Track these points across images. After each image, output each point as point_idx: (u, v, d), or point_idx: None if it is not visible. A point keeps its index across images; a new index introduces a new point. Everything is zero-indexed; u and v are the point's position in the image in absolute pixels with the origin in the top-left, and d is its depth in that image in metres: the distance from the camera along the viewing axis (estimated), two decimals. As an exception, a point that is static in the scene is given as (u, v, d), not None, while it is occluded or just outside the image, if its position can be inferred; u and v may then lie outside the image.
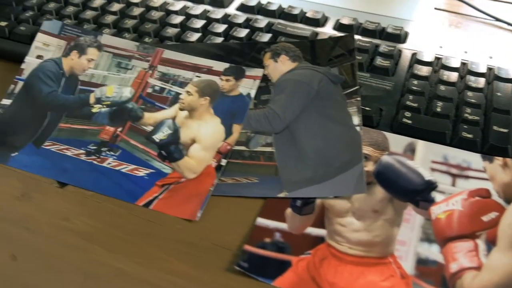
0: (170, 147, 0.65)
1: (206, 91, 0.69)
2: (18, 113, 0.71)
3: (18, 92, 0.72)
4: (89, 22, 0.81)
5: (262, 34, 0.78)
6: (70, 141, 0.68)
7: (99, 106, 0.70)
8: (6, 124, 0.71)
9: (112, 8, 0.83)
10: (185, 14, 0.83)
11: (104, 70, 0.73)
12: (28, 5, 0.84)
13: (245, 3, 0.85)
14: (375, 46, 0.77)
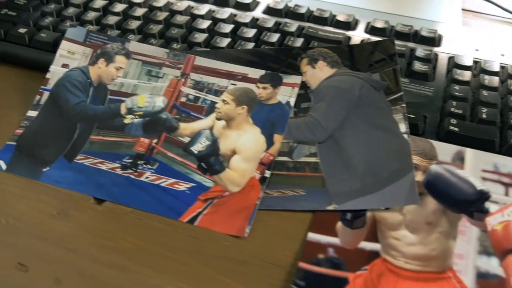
0: (210, 159, 0.63)
1: (243, 99, 0.67)
2: (45, 125, 0.69)
3: (44, 103, 0.70)
4: (113, 28, 0.78)
5: (294, 39, 0.77)
6: (103, 155, 0.65)
7: (131, 116, 0.68)
8: (33, 137, 0.69)
9: (135, 13, 0.81)
10: (212, 19, 0.82)
11: (134, 79, 0.71)
12: (47, 11, 0.82)
13: (272, 6, 0.83)
14: (410, 50, 0.75)
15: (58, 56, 0.73)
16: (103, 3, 0.84)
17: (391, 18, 0.83)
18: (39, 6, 0.84)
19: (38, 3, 0.84)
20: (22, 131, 0.68)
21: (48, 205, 0.61)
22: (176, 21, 0.80)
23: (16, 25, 0.79)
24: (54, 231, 0.58)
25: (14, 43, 0.78)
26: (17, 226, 0.59)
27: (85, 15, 0.81)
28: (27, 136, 0.68)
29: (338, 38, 0.77)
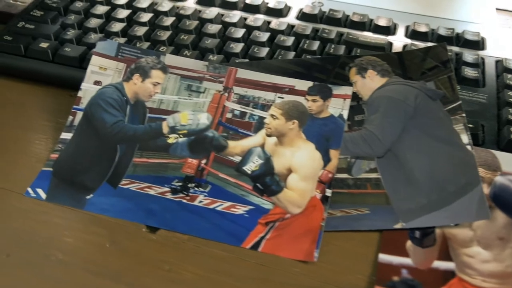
0: (265, 179, 0.61)
1: (293, 113, 0.65)
2: (82, 148, 0.66)
3: (78, 124, 0.68)
4: (141, 40, 0.76)
5: (335, 46, 0.76)
6: (150, 178, 0.63)
7: (175, 136, 0.65)
8: (71, 162, 0.66)
9: (163, 23, 0.79)
10: (245, 26, 0.80)
11: (173, 95, 0.69)
12: (68, 23, 0.80)
13: (307, 11, 0.81)
14: (456, 55, 0.74)
15: (89, 72, 0.71)
16: (126, 13, 0.82)
17: (423, 19, 0.82)
18: (58, 18, 0.82)
19: (56, 14, 0.82)
20: (58, 156, 0.66)
21: (98, 236, 0.59)
22: (208, 30, 0.78)
23: (36, 39, 0.76)
24: (110, 265, 0.56)
25: (36, 59, 0.75)
26: (69, 261, 0.57)
27: (110, 26, 0.79)
28: (63, 161, 0.65)
29: (381, 44, 0.75)
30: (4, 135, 0.70)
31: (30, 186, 0.62)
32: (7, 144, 0.68)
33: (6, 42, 0.76)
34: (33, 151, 0.68)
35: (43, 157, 0.66)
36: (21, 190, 0.63)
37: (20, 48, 0.76)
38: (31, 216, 0.61)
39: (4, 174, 0.63)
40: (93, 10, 0.82)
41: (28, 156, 0.67)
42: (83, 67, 0.72)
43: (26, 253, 0.58)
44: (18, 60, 0.77)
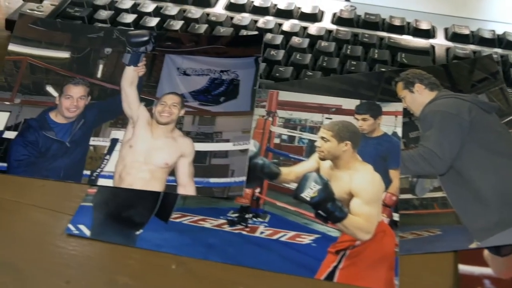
0: (327, 205, 0.60)
1: (344, 134, 0.64)
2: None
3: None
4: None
5: (379, 51, 0.76)
6: (203, 210, 0.61)
7: (223, 165, 0.63)
8: (112, 196, 0.64)
9: (196, 30, 0.79)
10: (282, 33, 0.81)
11: (214, 122, 0.67)
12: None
13: (342, 16, 0.82)
14: (501, 57, 0.75)
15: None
16: (156, 21, 0.82)
17: (458, 21, 0.83)
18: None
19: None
20: (96, 190, 0.62)
21: (163, 257, 0.58)
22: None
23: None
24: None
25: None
26: (134, 285, 0.55)
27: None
28: (104, 195, 0.62)
29: (424, 47, 0.76)
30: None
31: (71, 223, 0.59)
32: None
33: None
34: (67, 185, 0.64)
35: (80, 192, 0.62)
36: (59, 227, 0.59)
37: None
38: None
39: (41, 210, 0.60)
40: (120, 19, 0.81)
41: (62, 192, 0.63)
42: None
43: (86, 279, 0.55)
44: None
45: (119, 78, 0.71)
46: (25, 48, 0.74)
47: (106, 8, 0.82)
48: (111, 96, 0.69)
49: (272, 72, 0.72)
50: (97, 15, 0.80)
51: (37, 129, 0.66)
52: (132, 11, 0.83)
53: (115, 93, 0.69)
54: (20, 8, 0.84)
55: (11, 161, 0.64)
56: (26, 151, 0.65)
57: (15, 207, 0.61)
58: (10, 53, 0.73)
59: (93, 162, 0.64)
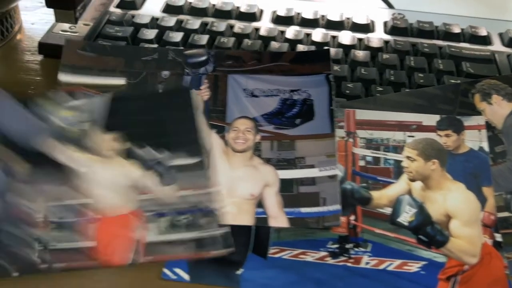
0: (426, 229, 0.62)
1: (430, 152, 0.66)
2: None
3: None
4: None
5: (442, 61, 0.78)
6: (300, 243, 0.62)
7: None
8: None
9: (251, 47, 0.80)
10: (341, 46, 0.82)
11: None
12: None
13: (396, 25, 0.84)
14: None
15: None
16: (206, 38, 0.82)
17: (502, 25, 0.86)
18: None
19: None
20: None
21: None
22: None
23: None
24: None
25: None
26: None
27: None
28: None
29: (486, 55, 0.78)
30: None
31: (166, 267, 0.59)
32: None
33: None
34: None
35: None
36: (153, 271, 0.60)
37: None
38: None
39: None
40: (167, 38, 0.80)
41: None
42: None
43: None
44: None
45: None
46: (76, 77, 0.73)
47: (148, 26, 0.81)
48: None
49: (341, 88, 0.72)
50: (141, 35, 0.79)
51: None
52: (177, 29, 0.82)
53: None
54: (51, 30, 0.83)
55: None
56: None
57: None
58: (61, 83, 0.71)
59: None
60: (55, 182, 0.65)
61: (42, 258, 0.61)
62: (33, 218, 0.63)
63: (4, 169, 0.65)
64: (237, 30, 0.81)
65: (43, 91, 0.72)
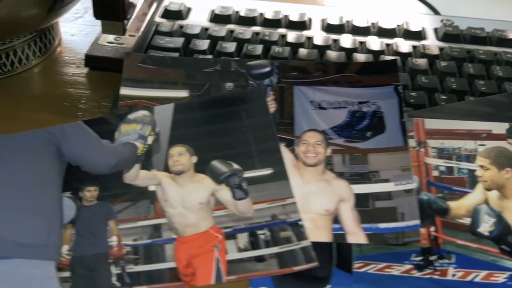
0: (508, 238, 0.64)
1: (502, 161, 0.68)
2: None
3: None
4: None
5: (501, 68, 0.80)
6: (384, 257, 0.64)
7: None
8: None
9: (308, 57, 0.81)
10: (396, 54, 0.83)
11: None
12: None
13: (448, 32, 0.86)
14: None
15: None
16: (260, 48, 0.83)
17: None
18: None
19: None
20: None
21: None
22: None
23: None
24: None
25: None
26: None
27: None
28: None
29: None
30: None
31: (251, 285, 0.60)
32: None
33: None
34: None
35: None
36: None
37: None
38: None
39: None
40: (220, 48, 0.81)
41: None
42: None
43: None
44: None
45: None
46: (138, 91, 0.73)
47: (199, 36, 0.81)
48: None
49: (404, 97, 0.74)
50: (193, 45, 0.80)
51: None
52: (230, 39, 0.84)
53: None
54: (96, 42, 0.83)
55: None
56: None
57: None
58: (123, 97, 0.72)
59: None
60: (124, 203, 0.64)
61: (121, 282, 0.60)
62: (107, 243, 0.63)
63: (73, 197, 0.65)
64: (290, 39, 0.81)
65: (111, 111, 0.74)
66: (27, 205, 0.65)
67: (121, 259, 0.62)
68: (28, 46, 0.83)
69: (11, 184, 0.67)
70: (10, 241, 0.63)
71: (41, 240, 0.63)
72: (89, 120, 0.72)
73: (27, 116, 0.77)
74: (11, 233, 0.63)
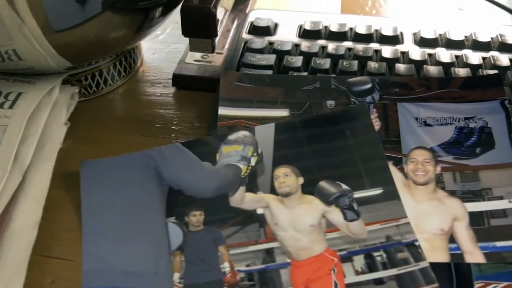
0: None
1: None
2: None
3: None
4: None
5: None
6: (504, 276, 0.64)
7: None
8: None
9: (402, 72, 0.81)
10: (467, 66, 0.83)
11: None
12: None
13: None
14: None
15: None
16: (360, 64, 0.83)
17: None
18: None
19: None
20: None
21: None
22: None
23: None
24: None
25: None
26: None
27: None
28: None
29: None
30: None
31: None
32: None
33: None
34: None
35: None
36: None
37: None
38: None
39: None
40: (316, 65, 0.82)
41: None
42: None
43: None
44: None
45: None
46: (236, 110, 0.74)
47: (291, 53, 0.82)
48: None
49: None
50: (287, 62, 0.81)
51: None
52: (323, 55, 0.85)
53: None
54: (183, 60, 0.84)
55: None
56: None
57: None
58: (222, 117, 0.73)
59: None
60: (233, 228, 0.65)
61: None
62: (219, 269, 0.63)
63: (179, 222, 0.66)
64: (385, 54, 0.82)
65: (208, 132, 0.75)
66: (132, 231, 0.65)
67: (236, 285, 0.62)
68: (114, 66, 0.83)
69: (113, 210, 0.67)
70: (118, 270, 0.62)
71: (150, 268, 0.63)
72: (187, 142, 0.71)
73: (117, 138, 0.78)
74: (117, 261, 0.63)
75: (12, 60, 0.72)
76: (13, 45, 0.70)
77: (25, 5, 0.65)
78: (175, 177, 0.70)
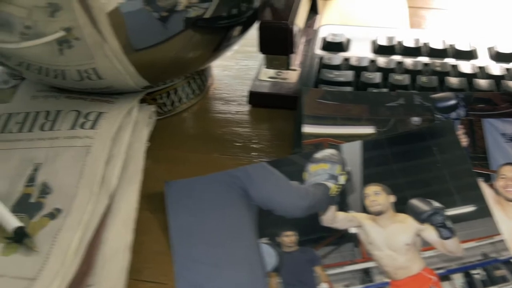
0: None
1: None
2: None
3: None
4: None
5: None
6: None
7: None
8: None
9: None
10: None
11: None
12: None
13: None
14: None
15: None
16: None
17: None
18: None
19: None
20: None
21: None
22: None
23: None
24: None
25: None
26: None
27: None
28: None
29: None
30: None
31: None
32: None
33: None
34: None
35: None
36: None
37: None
38: None
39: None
40: (393, 81, 0.84)
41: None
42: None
43: None
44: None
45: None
46: (321, 128, 0.75)
47: (368, 69, 0.84)
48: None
49: None
50: (364, 79, 0.82)
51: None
52: (399, 70, 0.86)
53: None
54: (257, 77, 0.85)
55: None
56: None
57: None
58: (307, 135, 0.74)
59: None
60: (327, 248, 0.67)
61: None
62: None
63: (272, 243, 0.68)
64: (464, 70, 0.83)
65: (292, 150, 0.76)
66: (225, 253, 0.66)
67: (334, 306, 0.63)
68: (188, 84, 0.84)
69: (204, 232, 0.68)
70: (212, 294, 0.61)
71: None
72: (273, 161, 0.72)
73: (194, 157, 0.80)
74: (214, 285, 0.64)
75: (91, 79, 0.74)
76: (93, 63, 0.71)
77: (107, 23, 0.66)
78: (264, 197, 0.71)
